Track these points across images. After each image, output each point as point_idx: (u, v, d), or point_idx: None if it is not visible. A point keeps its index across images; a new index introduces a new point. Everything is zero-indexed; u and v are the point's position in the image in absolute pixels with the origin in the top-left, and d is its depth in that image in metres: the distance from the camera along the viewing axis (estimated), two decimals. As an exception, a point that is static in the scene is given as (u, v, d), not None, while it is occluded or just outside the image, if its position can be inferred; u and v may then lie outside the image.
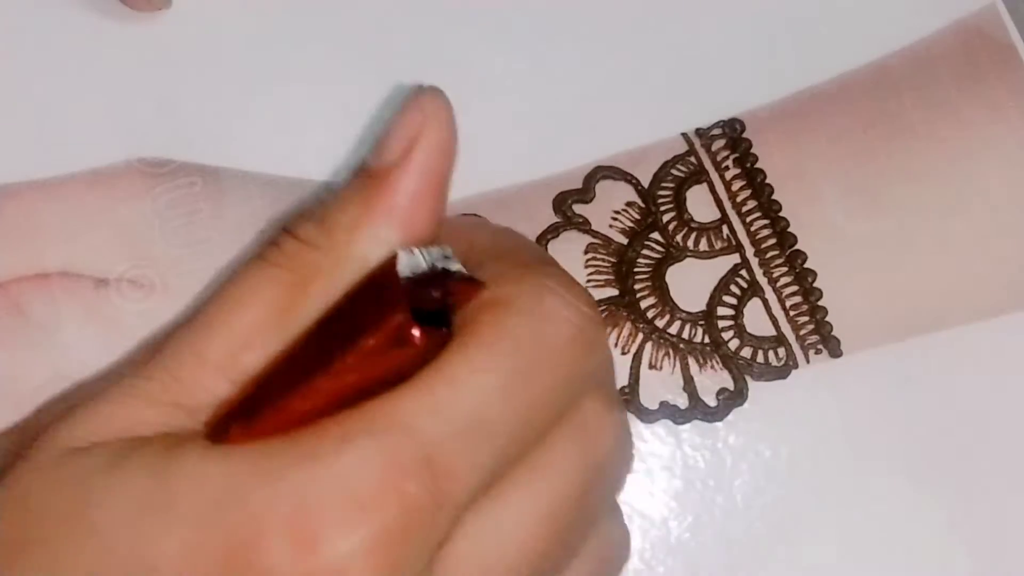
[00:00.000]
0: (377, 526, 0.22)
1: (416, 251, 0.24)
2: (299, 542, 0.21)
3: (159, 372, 0.24)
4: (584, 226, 0.34)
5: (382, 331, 0.23)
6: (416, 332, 0.23)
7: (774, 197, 0.34)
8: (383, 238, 0.25)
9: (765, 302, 0.34)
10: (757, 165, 0.35)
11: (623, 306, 0.34)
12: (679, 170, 0.35)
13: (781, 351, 0.34)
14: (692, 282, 0.34)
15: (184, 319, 0.25)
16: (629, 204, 0.35)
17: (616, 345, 0.34)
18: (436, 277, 0.24)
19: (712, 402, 0.34)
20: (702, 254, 0.34)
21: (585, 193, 0.35)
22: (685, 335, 0.34)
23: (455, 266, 0.25)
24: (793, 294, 0.34)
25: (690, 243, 0.34)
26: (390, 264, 0.24)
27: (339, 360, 0.23)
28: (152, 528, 0.22)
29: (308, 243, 0.25)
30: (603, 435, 0.25)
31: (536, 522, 0.24)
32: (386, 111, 0.36)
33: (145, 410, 0.24)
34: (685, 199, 0.35)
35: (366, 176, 0.25)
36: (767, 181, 0.34)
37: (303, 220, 0.25)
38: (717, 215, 0.35)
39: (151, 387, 0.24)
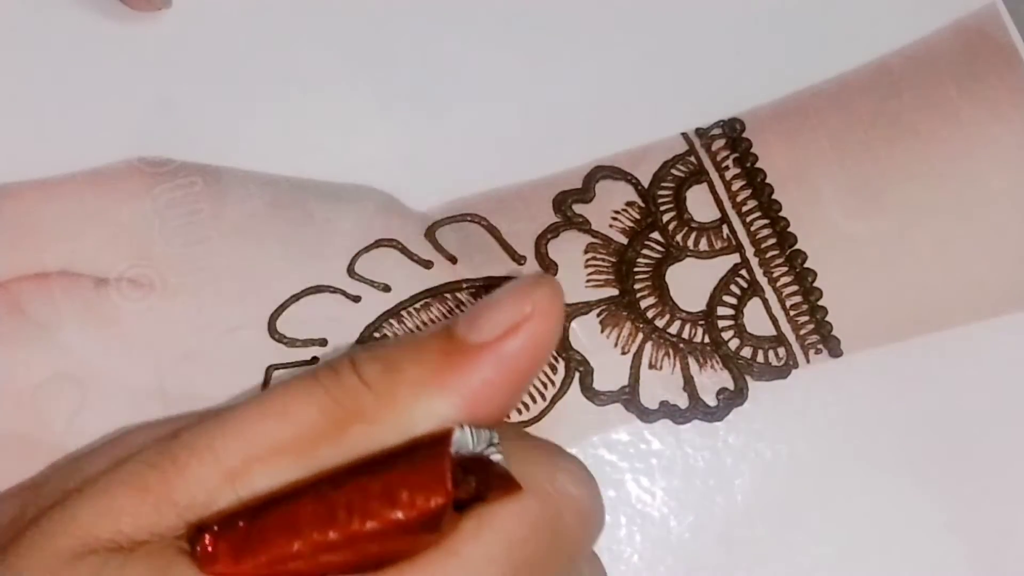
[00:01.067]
0: None
1: (467, 430, 0.23)
2: None
3: (166, 461, 0.23)
4: (584, 226, 0.34)
5: (418, 509, 0.22)
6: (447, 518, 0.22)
7: (774, 197, 0.34)
8: (441, 411, 0.24)
9: (765, 302, 0.34)
10: (757, 165, 0.35)
11: (623, 306, 0.34)
12: (679, 170, 0.35)
13: (781, 351, 0.34)
14: (692, 282, 0.34)
15: (208, 412, 0.24)
16: (629, 204, 0.35)
17: (616, 345, 0.34)
18: (478, 463, 0.23)
19: (712, 402, 0.34)
20: (702, 254, 0.34)
21: (585, 193, 0.35)
22: (685, 335, 0.34)
23: (497, 456, 0.24)
24: (793, 294, 0.34)
25: (690, 243, 0.34)
26: (445, 441, 0.23)
27: (359, 522, 0.22)
28: None
29: (367, 383, 0.24)
30: None
31: None
32: (385, 111, 0.36)
33: (137, 501, 0.23)
34: (685, 199, 0.35)
35: (450, 341, 0.24)
36: (767, 181, 0.35)
37: (370, 358, 0.24)
38: (717, 215, 0.35)
39: (152, 477, 0.23)
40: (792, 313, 0.34)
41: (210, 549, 0.22)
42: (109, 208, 0.33)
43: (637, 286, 0.34)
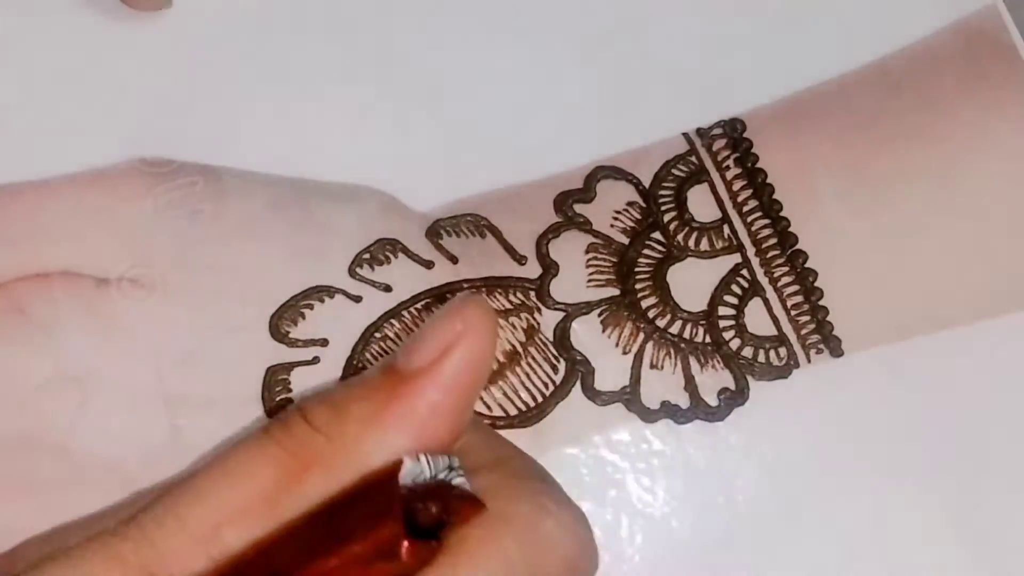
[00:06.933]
0: None
1: (422, 459, 0.24)
2: None
3: (135, 532, 0.24)
4: (585, 226, 0.34)
5: (371, 540, 0.22)
6: (405, 546, 0.22)
7: (775, 197, 0.34)
8: (392, 443, 0.24)
9: (766, 302, 0.34)
10: (758, 165, 0.35)
11: (624, 306, 0.34)
12: (680, 170, 0.35)
13: (782, 351, 0.34)
14: (693, 282, 0.34)
15: (175, 480, 0.25)
16: (630, 204, 0.35)
17: (617, 345, 0.34)
18: (437, 489, 0.23)
19: (713, 402, 0.34)
20: (703, 254, 0.34)
21: (586, 193, 0.35)
22: (686, 335, 0.34)
23: (459, 479, 0.24)
24: (794, 294, 0.34)
25: (691, 243, 0.34)
26: (392, 473, 0.23)
27: (322, 561, 0.22)
28: None
29: (317, 429, 0.24)
30: None
31: None
32: (386, 111, 0.36)
33: (110, 570, 0.23)
34: (686, 199, 0.35)
35: (391, 374, 0.25)
36: (768, 181, 0.34)
37: (318, 403, 0.25)
38: (718, 215, 0.35)
39: (124, 548, 0.24)
40: (793, 313, 0.34)
41: None
42: (110, 208, 0.33)
43: (638, 286, 0.34)
